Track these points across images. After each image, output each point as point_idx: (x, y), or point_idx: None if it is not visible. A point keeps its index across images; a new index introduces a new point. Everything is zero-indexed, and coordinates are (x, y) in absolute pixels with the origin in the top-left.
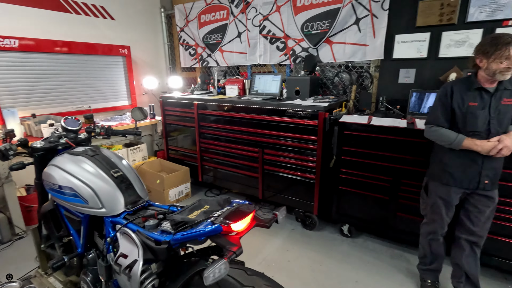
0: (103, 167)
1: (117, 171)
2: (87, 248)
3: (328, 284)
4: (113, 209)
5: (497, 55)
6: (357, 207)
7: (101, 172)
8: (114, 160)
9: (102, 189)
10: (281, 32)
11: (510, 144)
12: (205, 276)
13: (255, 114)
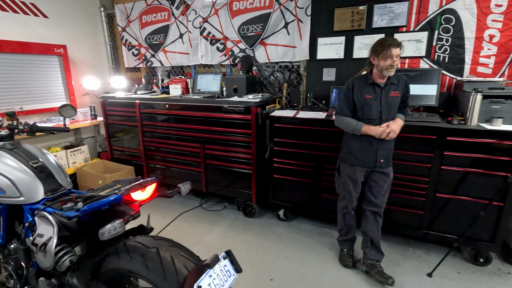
0: (21, 159)
1: (37, 162)
2: (8, 239)
3: (261, 262)
4: (32, 197)
5: (383, 54)
6: (290, 192)
7: (19, 163)
8: (35, 152)
9: (20, 179)
10: (220, 34)
11: (395, 128)
12: (100, 233)
13: (195, 112)
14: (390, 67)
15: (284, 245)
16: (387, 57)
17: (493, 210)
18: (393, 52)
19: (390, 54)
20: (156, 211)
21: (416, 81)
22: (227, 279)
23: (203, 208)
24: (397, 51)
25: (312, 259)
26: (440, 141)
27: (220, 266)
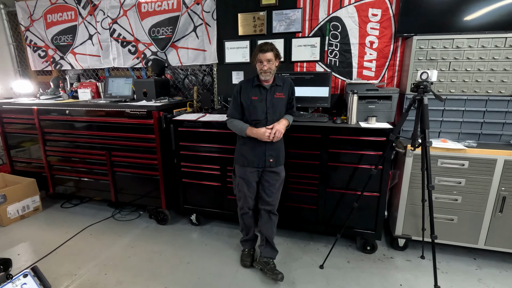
0: None
1: None
2: None
3: (159, 271)
4: None
5: (255, 59)
6: (200, 196)
7: None
8: None
9: None
10: (131, 36)
11: (280, 128)
12: None
13: (100, 117)
14: (262, 71)
15: (188, 251)
16: (258, 62)
17: (373, 201)
18: (261, 57)
19: (260, 59)
20: (60, 224)
21: (312, 84)
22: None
23: (115, 219)
24: (266, 56)
25: (214, 262)
26: (325, 139)
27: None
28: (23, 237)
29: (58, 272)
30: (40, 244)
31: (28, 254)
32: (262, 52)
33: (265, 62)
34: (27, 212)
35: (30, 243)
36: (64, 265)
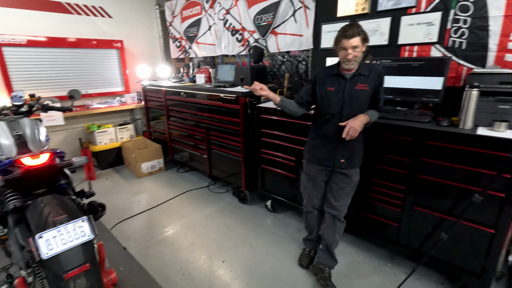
0: (10, 129)
1: (18, 132)
2: None
3: (225, 244)
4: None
5: (337, 46)
6: (276, 184)
7: (7, 132)
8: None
9: (3, 143)
10: (239, 24)
11: (355, 126)
12: None
13: (203, 99)
14: (345, 59)
15: (256, 234)
16: (341, 49)
17: (483, 237)
18: (345, 43)
19: (344, 46)
20: (171, 185)
21: (421, 73)
22: (78, 237)
23: (209, 189)
24: (352, 42)
25: (274, 252)
26: (418, 144)
27: (75, 226)
28: (147, 189)
29: (156, 222)
30: (155, 197)
31: (144, 203)
32: (346, 37)
33: (349, 50)
34: (154, 170)
35: (149, 194)
36: (162, 218)
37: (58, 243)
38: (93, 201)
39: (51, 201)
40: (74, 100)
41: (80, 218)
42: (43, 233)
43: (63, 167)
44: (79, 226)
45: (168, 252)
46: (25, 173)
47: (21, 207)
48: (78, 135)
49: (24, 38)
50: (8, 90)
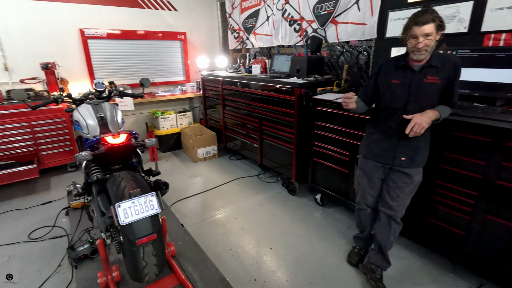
0: (95, 111)
1: (101, 114)
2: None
3: (273, 232)
4: (93, 135)
5: (407, 33)
6: (327, 178)
7: (92, 114)
8: (105, 108)
9: (89, 123)
10: (298, 14)
11: (421, 122)
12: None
13: (258, 89)
14: (415, 49)
15: (304, 226)
16: (412, 37)
17: None
18: (416, 31)
19: (414, 34)
20: (223, 171)
21: (507, 65)
22: (148, 210)
23: (258, 178)
24: (424, 30)
25: (322, 245)
26: (498, 146)
27: (146, 199)
28: (202, 173)
29: (209, 204)
30: (208, 181)
31: (199, 185)
32: (418, 24)
33: (421, 38)
34: (208, 156)
35: (203, 178)
36: (215, 201)
37: (132, 213)
38: (158, 179)
39: (126, 176)
40: (144, 87)
41: (150, 193)
42: (121, 203)
43: (137, 147)
44: (149, 200)
45: (220, 233)
46: (108, 150)
47: (102, 179)
48: (145, 120)
49: (104, 31)
50: (91, 78)
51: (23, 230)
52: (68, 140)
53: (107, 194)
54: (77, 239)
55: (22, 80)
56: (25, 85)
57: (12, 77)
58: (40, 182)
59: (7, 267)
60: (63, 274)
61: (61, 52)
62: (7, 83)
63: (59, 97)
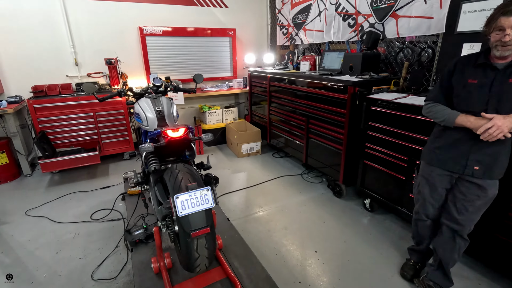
0: (153, 105)
1: (159, 108)
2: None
3: (318, 235)
4: (152, 127)
5: (492, 25)
6: (378, 183)
7: (151, 107)
8: (162, 102)
9: (148, 116)
10: (353, 8)
11: (502, 125)
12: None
13: (306, 87)
14: (499, 44)
15: (351, 231)
16: (497, 30)
17: None
18: (503, 22)
19: (501, 25)
20: (266, 168)
21: None
22: (203, 203)
23: (302, 177)
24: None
25: (371, 254)
26: None
27: (202, 193)
28: (245, 168)
29: (252, 200)
30: (252, 177)
31: (242, 181)
32: (507, 14)
33: (508, 30)
34: (252, 152)
35: (247, 174)
36: (258, 197)
37: (189, 205)
38: (209, 174)
39: (183, 169)
40: (197, 83)
41: (205, 187)
42: (179, 195)
43: (194, 141)
44: (204, 194)
45: (263, 230)
46: (168, 143)
47: (160, 170)
48: (193, 114)
49: (160, 28)
50: (147, 73)
51: (86, 211)
52: (124, 130)
53: (163, 184)
54: (133, 224)
55: (89, 74)
56: (91, 78)
57: (80, 71)
58: (100, 167)
59: (74, 243)
60: (120, 255)
61: (122, 48)
62: (76, 77)
63: (122, 91)
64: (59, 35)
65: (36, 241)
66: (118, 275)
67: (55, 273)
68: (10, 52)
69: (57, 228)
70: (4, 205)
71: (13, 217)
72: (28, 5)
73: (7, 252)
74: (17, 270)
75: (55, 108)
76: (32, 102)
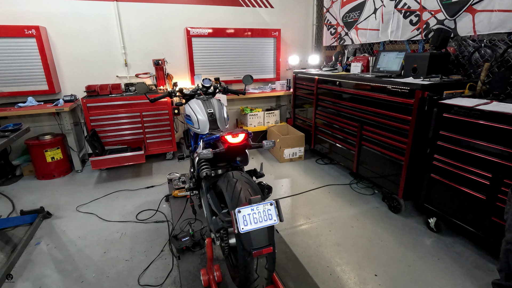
0: (205, 107)
1: (210, 110)
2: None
3: (375, 255)
4: (203, 130)
5: None
6: (449, 201)
7: (203, 109)
8: (213, 104)
9: (200, 118)
10: (417, 4)
11: None
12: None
13: (360, 90)
14: None
15: (414, 254)
16: None
17: None
18: None
19: None
20: (311, 175)
21: None
22: (266, 219)
23: (351, 188)
24: None
25: (441, 283)
26: None
27: (265, 208)
28: (288, 174)
29: (298, 210)
30: (296, 184)
31: (286, 188)
32: None
33: None
34: (294, 157)
35: (290, 180)
36: (304, 207)
37: (251, 220)
38: (262, 182)
39: (240, 177)
40: (246, 85)
41: (269, 201)
42: (241, 208)
43: (254, 147)
44: (267, 209)
45: (313, 245)
46: (227, 149)
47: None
48: (235, 116)
49: (206, 30)
50: (191, 74)
51: (132, 210)
52: (168, 130)
53: (216, 192)
54: (179, 229)
55: (137, 74)
56: (139, 79)
57: (129, 71)
58: (144, 167)
59: (121, 243)
60: (165, 260)
61: (168, 49)
62: (125, 77)
63: (172, 92)
64: (112, 37)
65: (85, 238)
66: (164, 282)
67: (103, 274)
68: (68, 54)
69: (105, 226)
70: (58, 199)
71: (65, 212)
72: (86, 9)
73: (60, 247)
74: (69, 268)
75: (105, 107)
76: (85, 101)
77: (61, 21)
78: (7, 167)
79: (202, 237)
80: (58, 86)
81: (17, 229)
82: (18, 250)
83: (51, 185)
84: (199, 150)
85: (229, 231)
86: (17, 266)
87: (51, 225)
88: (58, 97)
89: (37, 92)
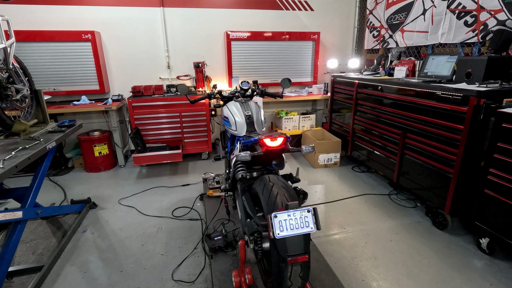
0: (243, 109)
1: (248, 113)
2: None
3: (417, 274)
4: (240, 132)
5: None
6: (505, 221)
7: (240, 112)
8: (251, 107)
9: (237, 120)
10: (474, 3)
11: None
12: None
13: (405, 96)
14: None
15: (463, 277)
16: None
17: None
18: None
19: None
20: (346, 182)
21: None
22: (303, 226)
23: (390, 198)
24: None
25: None
26: None
27: (302, 214)
28: (322, 180)
29: (332, 218)
30: (330, 191)
31: (320, 194)
32: None
33: None
34: (329, 163)
35: (324, 187)
36: (338, 216)
37: (287, 226)
38: (297, 188)
39: (277, 182)
40: (284, 88)
41: (306, 208)
42: (277, 213)
43: (293, 151)
44: (304, 216)
45: (348, 256)
46: (265, 152)
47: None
48: (270, 119)
49: (245, 33)
50: (229, 77)
51: (168, 206)
52: (205, 131)
53: (251, 195)
54: (212, 228)
55: (178, 76)
56: (180, 81)
57: (171, 73)
58: (181, 165)
59: (158, 237)
60: (197, 258)
61: (208, 52)
62: (167, 79)
63: (212, 93)
64: (157, 41)
65: (125, 230)
66: (196, 279)
67: (140, 265)
68: (117, 56)
69: (143, 220)
70: (103, 192)
71: (108, 204)
72: (136, 15)
73: (103, 237)
74: (110, 257)
75: (148, 107)
76: (131, 101)
77: (113, 26)
78: (61, 160)
79: (235, 238)
80: (108, 86)
81: (67, 217)
82: (68, 236)
83: (97, 178)
84: (236, 152)
85: (263, 235)
86: (66, 251)
87: (96, 215)
88: (107, 96)
89: (89, 92)
